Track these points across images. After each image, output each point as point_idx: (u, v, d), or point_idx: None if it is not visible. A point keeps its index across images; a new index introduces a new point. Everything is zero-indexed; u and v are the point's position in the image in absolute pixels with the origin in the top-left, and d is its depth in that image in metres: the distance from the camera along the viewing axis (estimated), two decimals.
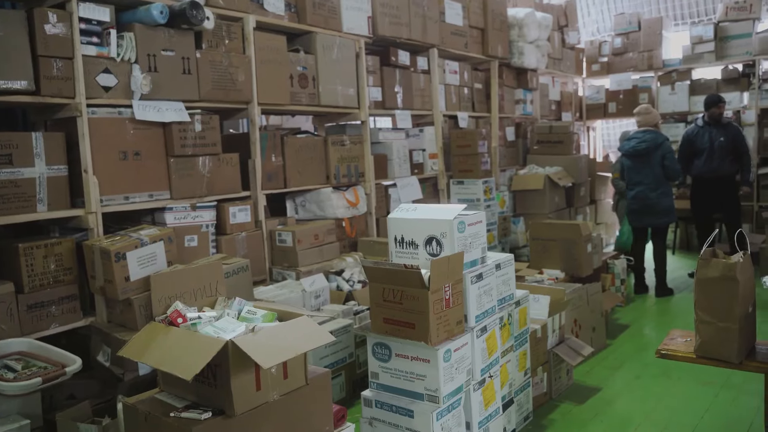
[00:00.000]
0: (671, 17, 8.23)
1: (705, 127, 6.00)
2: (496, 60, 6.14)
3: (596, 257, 4.80)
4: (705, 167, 5.93)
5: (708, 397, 3.45)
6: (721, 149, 5.88)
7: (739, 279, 2.37)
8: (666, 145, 5.41)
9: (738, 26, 7.05)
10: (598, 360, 4.09)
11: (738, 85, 7.14)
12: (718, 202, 5.98)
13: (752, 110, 7.00)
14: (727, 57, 7.18)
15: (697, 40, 7.30)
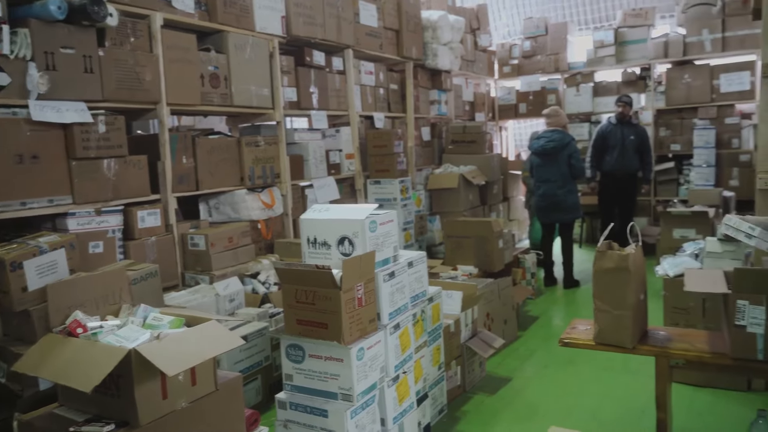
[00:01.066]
0: (576, 22, 8.66)
1: (617, 125, 6.42)
2: (410, 61, 6.25)
3: (507, 253, 4.98)
4: (616, 164, 6.33)
5: (609, 382, 3.67)
6: (631, 147, 6.31)
7: (631, 269, 2.53)
8: (572, 144, 5.70)
9: (635, 32, 7.51)
10: (509, 351, 4.26)
11: (636, 87, 7.60)
12: (621, 197, 6.37)
13: (649, 111, 7.47)
14: (626, 61, 7.62)
15: (599, 45, 7.71)
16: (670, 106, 7.33)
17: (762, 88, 3.36)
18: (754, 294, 2.31)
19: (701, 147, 6.88)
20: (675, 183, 7.38)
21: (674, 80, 7.25)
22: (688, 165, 7.17)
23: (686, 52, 7.14)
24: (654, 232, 6.66)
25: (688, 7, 7.09)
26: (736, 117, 6.98)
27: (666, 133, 7.42)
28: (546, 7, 8.86)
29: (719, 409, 3.26)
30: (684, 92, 7.19)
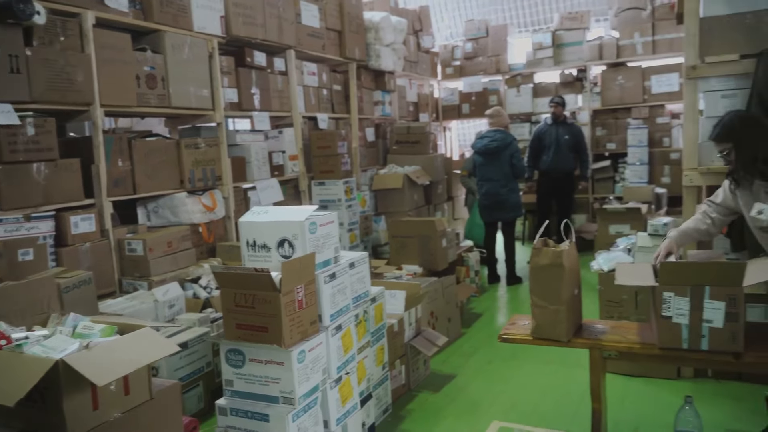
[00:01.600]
0: (515, 25, 8.86)
1: (552, 125, 6.60)
2: (353, 62, 6.25)
3: (451, 251, 5.05)
4: (552, 163, 6.50)
5: (549, 374, 3.77)
6: (566, 146, 6.48)
7: (565, 265, 2.61)
8: (514, 144, 5.83)
9: (572, 35, 7.74)
10: (454, 348, 4.32)
11: (573, 88, 7.83)
12: (558, 195, 6.57)
13: (586, 111, 7.72)
14: (563, 62, 7.85)
15: (538, 47, 7.91)
16: (605, 107, 7.59)
17: (686, 89, 3.52)
18: (679, 286, 2.42)
19: (635, 146, 7.14)
20: (611, 180, 7.64)
21: (609, 81, 7.51)
22: (623, 163, 7.43)
23: (619, 54, 7.41)
24: (592, 228, 6.87)
25: (620, 11, 7.36)
26: (667, 117, 7.28)
27: (602, 132, 7.68)
28: (487, 9, 9.03)
29: (651, 397, 3.40)
30: (618, 93, 7.46)
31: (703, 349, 2.44)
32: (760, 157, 2.55)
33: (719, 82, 3.42)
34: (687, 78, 3.49)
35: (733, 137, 2.61)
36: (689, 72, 3.46)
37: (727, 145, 2.65)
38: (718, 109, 3.43)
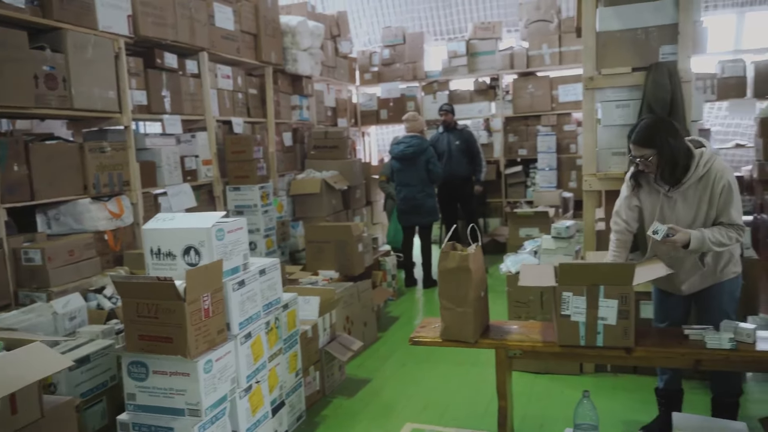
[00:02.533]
0: (431, 33, 9.05)
1: (444, 132, 6.66)
2: (270, 66, 6.18)
3: (368, 256, 5.09)
4: (446, 169, 6.48)
5: (461, 375, 3.87)
6: (458, 152, 6.54)
7: (471, 268, 2.69)
8: (430, 150, 5.95)
9: (485, 44, 7.99)
10: (370, 353, 4.35)
11: (487, 95, 8.09)
12: (460, 200, 6.66)
13: (499, 118, 7.98)
14: (477, 71, 8.09)
15: (453, 55, 8.11)
16: (516, 114, 7.89)
17: (584, 99, 3.72)
18: (576, 286, 2.55)
19: (544, 152, 7.46)
20: (523, 185, 7.94)
21: (520, 90, 7.81)
22: (533, 168, 7.74)
23: (529, 64, 7.72)
24: (505, 231, 7.12)
25: (530, 23, 7.68)
26: (573, 124, 7.65)
27: (514, 139, 7.97)
28: (404, 17, 9.17)
29: (555, 392, 3.55)
30: (528, 101, 7.77)
31: (599, 346, 2.58)
32: (678, 167, 2.60)
33: (614, 92, 3.64)
34: (585, 88, 3.69)
35: (657, 143, 2.58)
36: (587, 83, 3.67)
37: (650, 151, 2.61)
38: (613, 118, 3.65)
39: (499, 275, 4.24)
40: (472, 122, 8.12)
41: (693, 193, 2.63)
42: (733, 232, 2.58)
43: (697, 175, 2.60)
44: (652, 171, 2.66)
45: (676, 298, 2.84)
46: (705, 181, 2.60)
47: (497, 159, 8.03)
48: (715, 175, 2.58)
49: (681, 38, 3.45)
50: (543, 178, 7.49)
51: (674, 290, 2.82)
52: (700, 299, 2.82)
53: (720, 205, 2.59)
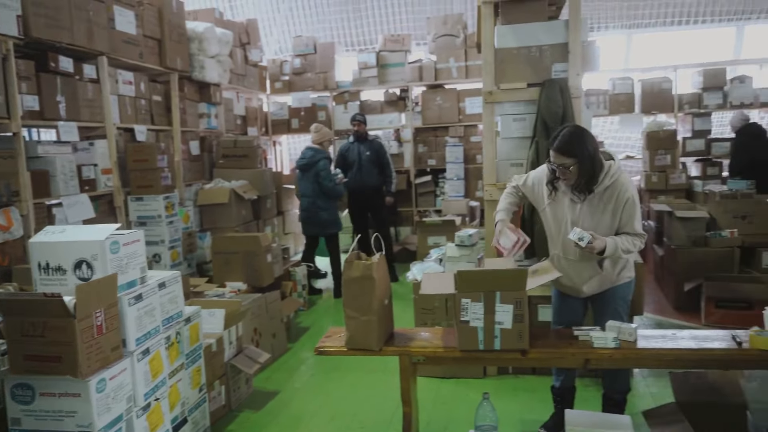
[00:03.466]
0: (342, 43, 9.12)
1: (354, 143, 6.66)
2: (175, 72, 6.01)
3: (277, 266, 5.04)
4: (356, 180, 6.54)
5: (370, 383, 3.91)
6: (368, 163, 6.56)
7: (375, 277, 2.73)
8: (321, 163, 5.93)
9: (394, 56, 8.14)
10: (279, 364, 4.31)
11: (397, 107, 8.23)
12: (371, 210, 6.68)
13: (409, 129, 8.15)
14: (387, 82, 8.22)
15: (364, 66, 8.20)
16: (425, 125, 8.08)
17: (485, 112, 3.87)
18: (474, 292, 2.65)
19: (452, 162, 7.67)
20: (433, 194, 8.13)
21: (428, 101, 8.01)
22: (442, 178, 7.94)
23: (437, 77, 7.93)
24: (416, 240, 7.25)
25: (437, 36, 7.90)
26: (479, 136, 7.92)
27: (423, 149, 8.15)
28: (315, 27, 9.19)
29: (460, 396, 3.66)
30: (437, 113, 7.98)
31: (497, 349, 2.69)
32: (594, 179, 2.73)
33: (512, 106, 3.82)
34: (485, 102, 3.84)
35: (578, 152, 2.66)
36: (487, 97, 3.82)
37: (571, 160, 2.67)
38: (511, 130, 3.83)
39: (407, 283, 4.32)
40: (383, 132, 8.24)
41: (597, 203, 2.79)
42: (637, 240, 2.79)
43: (604, 185, 2.76)
44: (570, 180, 2.75)
45: (575, 300, 3.01)
46: (610, 193, 2.76)
47: (408, 169, 8.18)
48: (620, 189, 2.75)
49: (571, 57, 3.68)
50: (451, 188, 7.69)
51: (575, 293, 2.98)
52: (597, 302, 3.00)
53: (624, 217, 2.78)
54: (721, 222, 5.18)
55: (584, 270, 2.88)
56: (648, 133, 6.89)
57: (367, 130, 6.78)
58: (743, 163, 6.50)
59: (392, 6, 8.95)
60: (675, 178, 6.62)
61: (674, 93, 7.79)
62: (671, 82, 7.80)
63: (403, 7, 8.96)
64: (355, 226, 6.80)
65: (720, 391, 2.98)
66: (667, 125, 7.10)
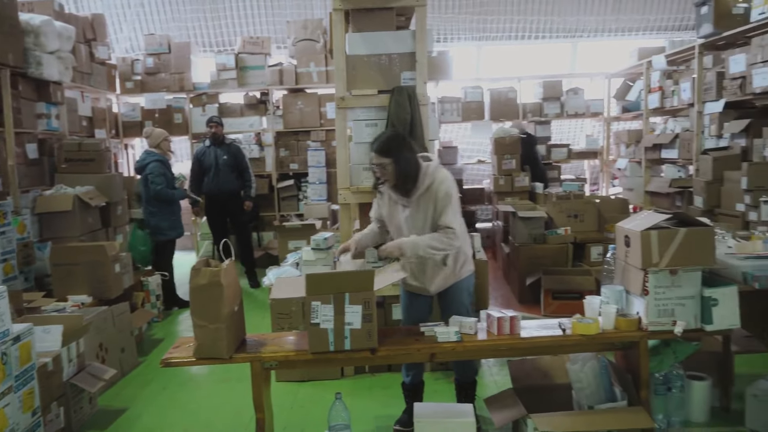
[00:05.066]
0: (199, 44, 8.83)
1: (211, 147, 6.46)
2: (7, 68, 5.48)
3: (126, 277, 4.77)
4: (213, 184, 6.36)
5: (225, 392, 3.83)
6: (225, 167, 6.39)
7: (223, 283, 2.69)
8: (150, 166, 5.69)
9: (254, 59, 8.02)
10: (128, 380, 4.08)
11: (258, 110, 8.13)
12: (230, 215, 6.51)
13: (270, 133, 8.07)
14: (247, 85, 8.08)
15: (222, 67, 8.00)
16: (287, 129, 8.04)
17: (337, 117, 3.95)
18: (324, 295, 2.69)
19: (314, 166, 7.69)
20: (296, 199, 8.11)
21: (290, 105, 7.99)
22: (305, 182, 7.95)
23: (298, 81, 7.93)
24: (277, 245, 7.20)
25: (297, 41, 7.91)
26: None
27: (285, 153, 8.11)
28: (169, 25, 8.81)
29: (317, 398, 3.69)
30: (298, 117, 7.98)
31: (347, 349, 2.75)
32: (410, 178, 2.89)
33: (363, 112, 3.93)
34: (338, 108, 3.92)
35: (394, 153, 2.85)
36: (339, 102, 3.90)
37: (388, 160, 2.86)
38: (363, 136, 3.93)
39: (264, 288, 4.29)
40: (243, 136, 8.09)
41: (423, 203, 2.95)
42: (444, 237, 2.89)
43: (425, 185, 2.92)
44: (389, 179, 2.91)
45: (422, 298, 3.16)
46: (430, 191, 2.93)
47: (270, 173, 8.10)
48: (437, 186, 2.92)
49: (418, 66, 3.86)
50: (314, 192, 7.72)
51: (422, 291, 3.12)
52: (443, 297, 3.16)
53: (439, 209, 2.92)
54: (557, 221, 5.68)
55: (429, 268, 3.03)
56: (495, 139, 7.38)
57: (224, 133, 6.61)
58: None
59: (251, 8, 8.82)
60: (519, 181, 7.14)
61: (519, 102, 8.42)
62: (516, 92, 8.43)
63: (263, 10, 8.86)
64: (213, 232, 6.61)
65: (551, 375, 3.28)
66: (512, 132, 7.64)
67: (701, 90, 6.18)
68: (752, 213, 4.91)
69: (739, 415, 3.20)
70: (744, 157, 5.48)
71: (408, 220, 2.97)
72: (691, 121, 6.48)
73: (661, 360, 3.03)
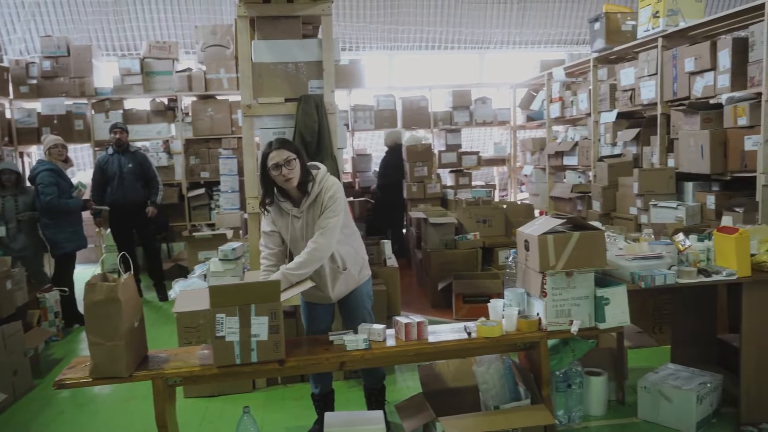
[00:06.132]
0: (101, 47, 8.45)
1: (114, 154, 6.14)
2: None
3: (20, 294, 4.48)
4: (117, 194, 6.06)
5: (129, 413, 3.66)
6: (131, 176, 6.11)
7: (121, 299, 2.57)
8: (40, 176, 5.34)
9: (160, 64, 7.76)
10: (23, 404, 3.83)
11: (165, 117, 7.86)
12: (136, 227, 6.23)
13: (179, 140, 7.82)
14: (154, 90, 7.80)
15: (126, 72, 7.68)
16: (197, 136, 7.83)
17: (244, 125, 3.89)
18: (229, 307, 2.63)
19: (226, 174, 7.51)
20: (207, 208, 7.90)
21: (199, 112, 7.78)
22: (217, 191, 7.76)
23: (208, 87, 7.74)
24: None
25: (206, 46, 7.72)
26: None
27: (196, 161, 7.89)
28: (68, 27, 8.39)
29: (228, 413, 3.60)
30: (209, 124, 7.79)
31: (254, 362, 2.70)
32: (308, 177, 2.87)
33: (271, 120, 3.89)
34: (244, 116, 3.86)
35: (294, 148, 2.86)
36: (245, 110, 3.84)
37: (291, 154, 2.82)
38: None
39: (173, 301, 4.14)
40: (150, 144, 7.81)
41: (313, 211, 2.92)
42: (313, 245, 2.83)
43: (314, 193, 2.91)
44: (295, 177, 2.83)
45: (323, 307, 3.14)
46: (318, 199, 2.92)
47: (179, 182, 7.85)
48: (325, 192, 2.90)
49: (325, 75, 3.87)
50: (226, 201, 7.54)
51: (324, 300, 3.11)
52: (345, 303, 3.15)
53: (323, 213, 2.89)
54: (467, 226, 5.85)
55: (328, 276, 3.00)
56: (407, 146, 7.50)
57: (129, 141, 6.34)
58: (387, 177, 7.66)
59: (157, 11, 8.55)
60: (431, 188, 7.29)
61: (430, 110, 8.61)
62: (428, 101, 8.61)
63: (170, 14, 8.61)
64: (118, 244, 6.29)
65: (459, 378, 3.36)
66: (424, 139, 7.80)
67: (597, 101, 6.57)
68: (643, 216, 5.26)
69: (633, 407, 3.40)
70: (636, 163, 5.86)
71: (302, 231, 2.95)
72: (589, 129, 6.86)
73: (561, 358, 3.17)
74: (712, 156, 4.67)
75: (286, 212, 2.95)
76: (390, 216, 7.87)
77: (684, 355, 3.76)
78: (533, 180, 8.49)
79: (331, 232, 2.86)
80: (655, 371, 3.44)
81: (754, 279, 3.06)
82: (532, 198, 8.47)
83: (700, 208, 4.85)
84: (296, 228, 2.96)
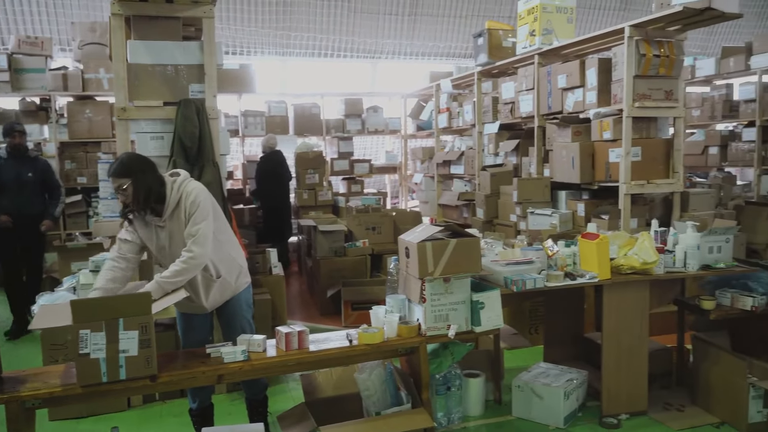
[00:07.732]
0: None
1: (10, 160, 5.41)
2: None
3: None
4: (14, 206, 5.32)
5: None
6: (31, 185, 5.43)
7: None
8: None
9: (32, 60, 7.21)
10: None
11: (37, 118, 7.31)
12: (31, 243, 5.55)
13: (52, 143, 7.30)
14: (24, 89, 7.23)
15: None
16: (73, 139, 7.34)
17: (119, 129, 3.70)
18: (94, 322, 2.48)
19: (106, 180, 7.09)
20: (85, 215, 7.43)
21: (76, 114, 7.31)
22: (95, 197, 7.32)
23: (86, 87, 7.28)
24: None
25: (84, 44, 7.28)
26: None
27: (72, 165, 7.40)
28: None
29: None
30: (86, 126, 7.33)
31: (123, 379, 2.56)
32: (153, 194, 2.77)
33: (148, 124, 3.73)
34: (118, 119, 3.67)
35: (132, 173, 2.73)
36: (120, 113, 3.66)
37: (126, 180, 2.73)
38: (149, 149, 3.73)
39: None
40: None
41: (176, 219, 2.83)
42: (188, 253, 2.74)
43: (174, 200, 2.82)
44: (129, 200, 2.76)
45: (200, 318, 3.04)
46: (180, 205, 2.83)
47: None
48: (186, 197, 2.82)
49: (207, 79, 3.76)
50: (106, 208, 7.11)
51: (200, 311, 3.00)
52: (223, 313, 3.06)
53: (188, 220, 2.81)
54: (357, 233, 5.89)
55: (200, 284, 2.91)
56: (298, 153, 7.46)
57: (27, 145, 5.59)
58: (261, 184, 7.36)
59: (28, 4, 7.95)
60: (323, 195, 7.29)
61: (322, 118, 8.61)
62: (320, 108, 8.61)
63: (43, 8, 8.04)
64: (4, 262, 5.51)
65: (341, 386, 3.37)
66: (315, 147, 7.78)
67: (481, 112, 6.86)
68: (522, 223, 5.54)
69: (508, 406, 3.56)
70: (515, 173, 6.17)
71: (168, 239, 2.85)
72: (474, 140, 7.14)
73: (440, 362, 3.27)
74: (581, 166, 5.01)
75: (150, 222, 2.84)
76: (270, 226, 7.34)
77: (555, 354, 4.00)
78: (423, 188, 8.71)
79: (204, 239, 2.77)
80: (528, 370, 3.62)
81: (612, 281, 3.31)
82: (422, 205, 8.69)
83: (572, 216, 5.18)
84: (161, 237, 2.85)
